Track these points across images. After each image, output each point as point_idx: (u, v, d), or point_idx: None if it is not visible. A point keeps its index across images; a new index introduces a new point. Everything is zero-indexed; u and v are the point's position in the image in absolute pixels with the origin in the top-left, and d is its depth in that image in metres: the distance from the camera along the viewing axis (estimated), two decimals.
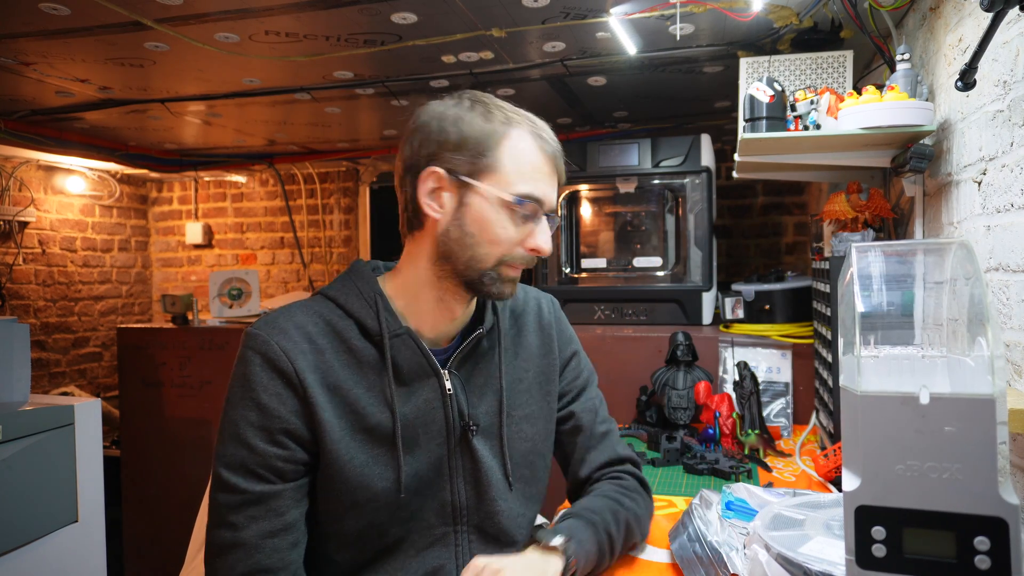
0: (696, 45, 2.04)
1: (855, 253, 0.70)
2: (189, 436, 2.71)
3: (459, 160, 0.91)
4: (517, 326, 1.09)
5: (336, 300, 0.97)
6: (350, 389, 0.92)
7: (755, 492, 1.15)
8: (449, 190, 0.93)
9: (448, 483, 0.98)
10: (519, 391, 1.06)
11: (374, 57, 2.12)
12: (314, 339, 0.93)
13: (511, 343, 1.07)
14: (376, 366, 0.94)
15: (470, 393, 1.01)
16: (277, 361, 0.90)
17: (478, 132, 0.92)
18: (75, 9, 1.71)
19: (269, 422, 0.89)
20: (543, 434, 1.07)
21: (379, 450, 0.93)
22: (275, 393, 0.89)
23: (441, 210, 0.93)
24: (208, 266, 4.29)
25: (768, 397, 1.88)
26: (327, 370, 0.92)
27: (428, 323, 0.99)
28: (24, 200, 3.51)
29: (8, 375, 1.90)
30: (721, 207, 3.45)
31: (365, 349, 0.94)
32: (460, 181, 0.92)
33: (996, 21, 0.92)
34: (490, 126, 0.92)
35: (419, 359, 0.96)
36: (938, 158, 1.38)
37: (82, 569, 1.93)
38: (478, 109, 0.93)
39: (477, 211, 0.92)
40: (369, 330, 0.95)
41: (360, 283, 0.98)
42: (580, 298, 2.43)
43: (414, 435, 0.95)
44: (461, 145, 0.91)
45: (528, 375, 1.08)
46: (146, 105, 2.64)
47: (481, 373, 1.02)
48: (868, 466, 0.61)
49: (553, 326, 1.13)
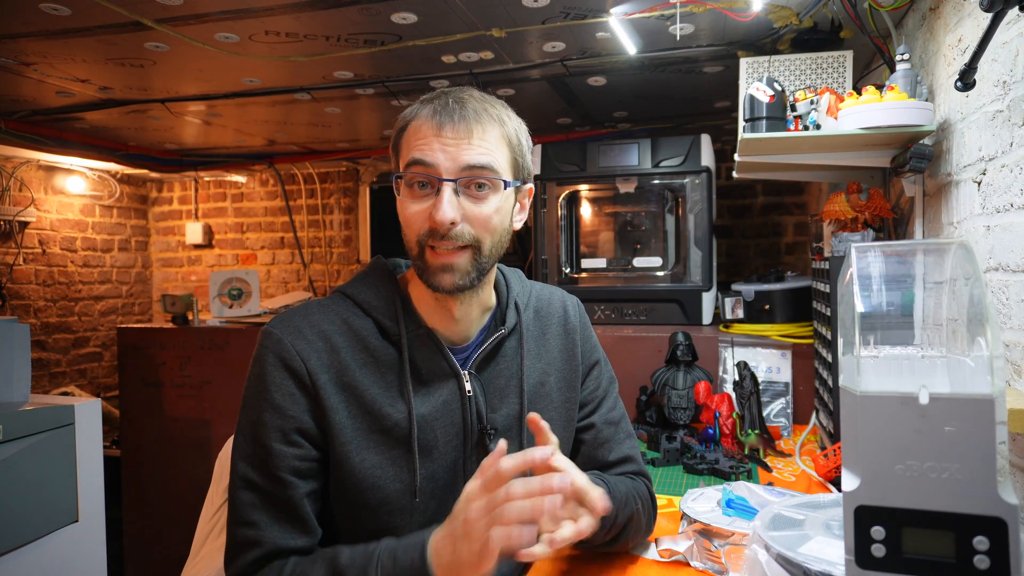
0: (696, 45, 2.04)
1: (855, 253, 0.70)
2: (189, 436, 2.71)
3: (392, 160, 0.94)
4: (541, 326, 1.06)
5: (355, 298, 0.95)
6: (366, 389, 0.91)
7: (755, 491, 1.15)
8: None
9: (462, 487, 0.95)
10: (540, 395, 1.02)
11: (374, 57, 2.12)
12: (330, 338, 0.91)
13: (534, 344, 1.03)
14: (394, 366, 0.93)
15: (490, 396, 0.98)
16: (290, 360, 0.89)
17: (397, 124, 0.93)
18: (75, 9, 1.71)
19: (284, 422, 0.88)
20: (562, 443, 1.01)
21: (395, 452, 0.91)
22: (288, 392, 0.89)
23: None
24: (208, 266, 4.29)
25: (768, 397, 1.88)
26: (342, 370, 0.91)
27: (441, 323, 0.97)
28: (24, 200, 3.51)
29: (8, 375, 1.90)
30: (721, 207, 3.45)
31: (383, 349, 0.93)
32: (397, 179, 0.92)
33: (996, 21, 0.92)
34: (406, 119, 0.92)
35: (438, 360, 0.94)
36: (938, 158, 1.38)
37: (82, 569, 1.93)
38: (409, 107, 0.94)
39: (398, 201, 0.92)
40: (387, 330, 0.93)
41: (380, 281, 0.97)
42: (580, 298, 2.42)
43: (431, 437, 0.93)
44: (393, 144, 0.94)
45: (550, 379, 1.04)
46: (146, 105, 2.64)
47: (502, 375, 0.99)
48: (868, 466, 0.61)
49: (578, 331, 1.09)
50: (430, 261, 0.89)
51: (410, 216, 0.89)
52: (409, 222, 0.90)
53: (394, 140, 0.94)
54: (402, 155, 0.91)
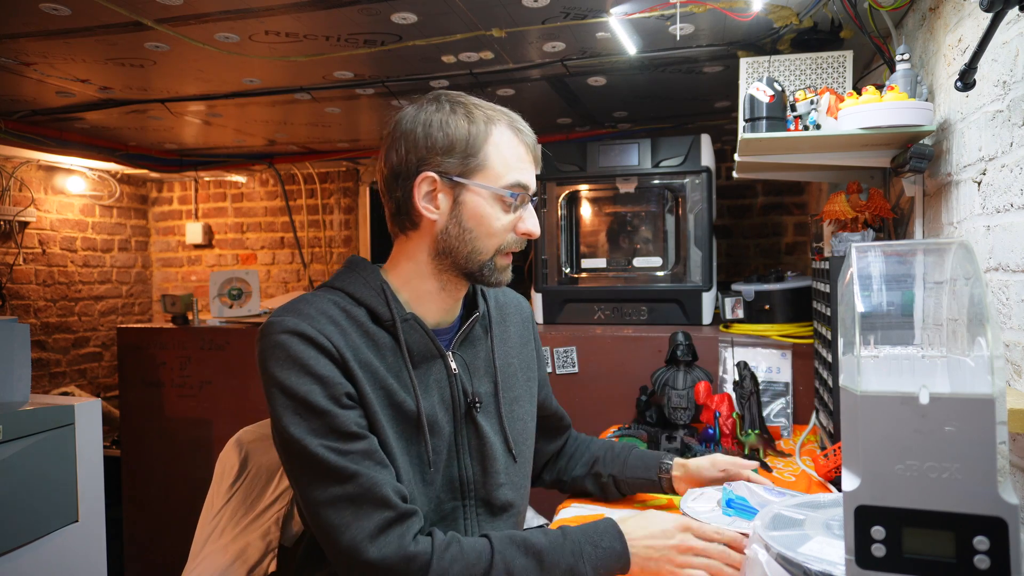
0: (696, 45, 2.04)
1: (855, 253, 0.70)
2: (189, 436, 2.71)
3: (450, 163, 0.98)
4: (502, 315, 1.17)
5: (344, 289, 1.01)
6: (377, 367, 0.96)
7: (756, 491, 1.15)
8: (443, 191, 0.99)
9: (456, 459, 1.03)
10: (508, 374, 1.13)
11: (374, 57, 2.12)
12: (337, 321, 0.95)
13: (499, 330, 1.15)
14: (392, 349, 0.99)
15: (472, 373, 1.07)
16: (315, 338, 0.91)
17: (464, 133, 0.98)
18: (75, 9, 1.71)
19: (332, 389, 0.90)
20: (530, 415, 1.16)
21: (404, 426, 0.97)
22: (325, 364, 0.91)
23: (437, 211, 0.99)
24: (208, 266, 4.29)
25: (768, 397, 1.88)
26: (356, 348, 0.95)
27: (431, 310, 1.05)
28: (24, 200, 3.51)
29: (8, 375, 1.90)
30: (721, 207, 3.45)
31: (379, 333, 0.99)
32: (453, 182, 0.98)
33: (996, 21, 0.92)
34: (474, 127, 0.98)
35: (426, 342, 1.02)
36: (938, 158, 1.38)
37: (82, 569, 1.93)
38: (459, 111, 0.99)
39: (472, 208, 0.99)
40: (380, 316, 0.99)
41: (365, 274, 1.03)
42: (580, 298, 2.43)
43: (432, 413, 1.00)
44: (450, 148, 0.97)
45: (514, 361, 1.15)
46: (146, 105, 2.64)
47: (478, 356, 1.09)
48: (868, 466, 0.61)
49: (531, 321, 1.24)
50: (500, 263, 1.03)
51: (499, 227, 1.00)
52: (496, 232, 1.00)
53: (462, 146, 0.98)
54: (491, 169, 0.99)
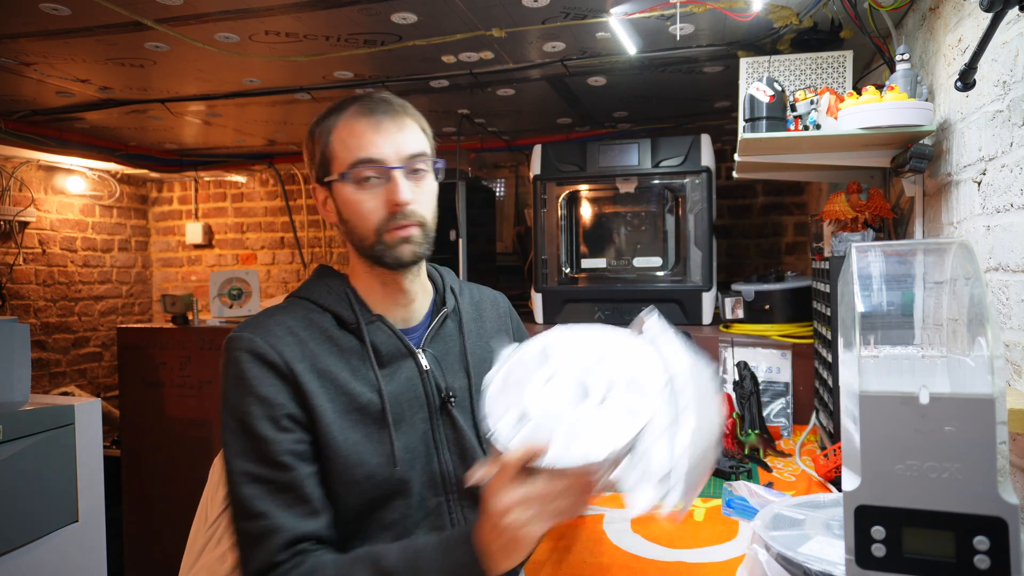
0: (696, 45, 2.04)
1: (855, 253, 0.70)
2: (189, 436, 2.71)
3: (317, 167, 1.01)
4: (477, 311, 1.17)
5: (309, 298, 1.03)
6: (338, 373, 0.97)
7: (756, 491, 1.15)
8: (325, 194, 1.02)
9: (435, 455, 1.03)
10: (484, 371, 1.12)
11: (374, 57, 2.12)
12: (296, 332, 0.98)
13: (474, 326, 1.15)
14: (358, 352, 1.00)
15: (444, 369, 1.07)
16: (266, 355, 0.94)
17: (317, 135, 1.01)
18: (75, 9, 1.71)
19: (272, 410, 0.92)
20: None
21: (371, 428, 0.97)
22: (270, 383, 0.93)
23: (332, 214, 1.03)
24: (208, 266, 4.29)
25: (768, 397, 1.88)
26: (313, 358, 0.96)
27: (390, 308, 1.05)
28: (24, 200, 3.51)
29: (8, 375, 1.90)
30: (721, 207, 3.45)
31: (344, 338, 1.00)
32: (324, 184, 1.01)
33: (996, 21, 0.92)
34: (320, 126, 1.00)
35: (394, 341, 1.02)
36: (938, 158, 1.38)
37: (82, 569, 1.93)
38: (321, 115, 1.01)
39: (342, 200, 1.00)
40: (345, 320, 1.01)
41: (329, 281, 1.05)
42: (580, 298, 2.43)
43: (400, 411, 1.00)
44: (312, 154, 1.02)
45: (491, 356, 1.15)
46: (146, 105, 2.64)
47: (450, 351, 1.09)
48: (868, 466, 0.61)
49: (509, 315, 1.22)
50: (389, 239, 0.98)
51: (366, 210, 0.98)
52: (365, 215, 0.98)
53: (320, 149, 1.00)
54: (337, 158, 0.98)
